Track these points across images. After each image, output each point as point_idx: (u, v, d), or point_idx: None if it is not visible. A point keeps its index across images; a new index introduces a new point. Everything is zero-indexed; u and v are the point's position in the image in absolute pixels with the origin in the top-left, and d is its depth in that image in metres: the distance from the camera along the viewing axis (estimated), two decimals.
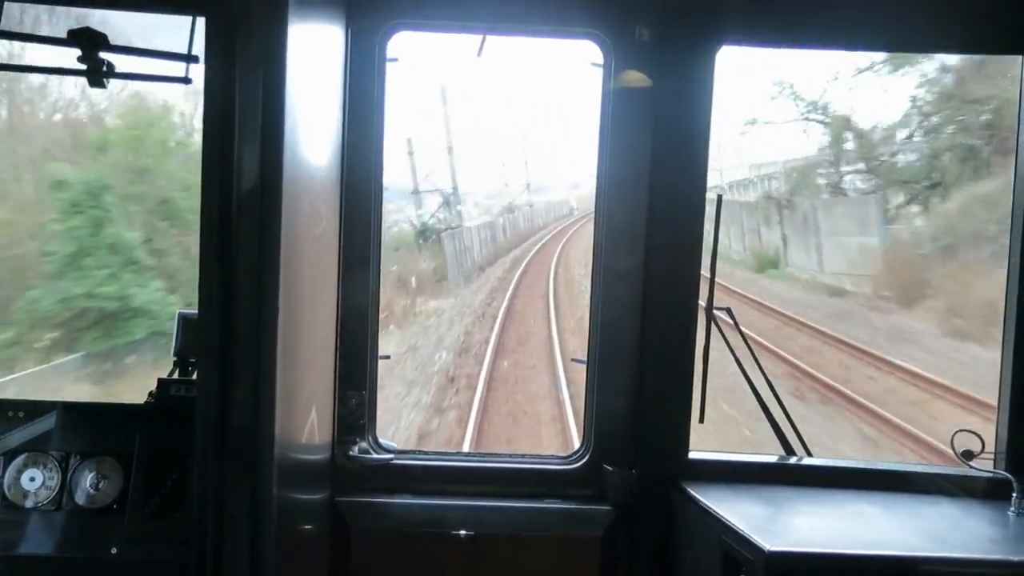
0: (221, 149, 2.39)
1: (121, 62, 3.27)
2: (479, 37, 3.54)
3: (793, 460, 3.45)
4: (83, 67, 3.18)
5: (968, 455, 3.16)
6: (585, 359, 3.51)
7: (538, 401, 13.48)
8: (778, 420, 3.48)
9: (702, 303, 3.38)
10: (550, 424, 12.37)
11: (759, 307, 19.37)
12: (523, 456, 3.56)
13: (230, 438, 2.43)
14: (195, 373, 3.23)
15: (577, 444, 3.59)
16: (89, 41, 3.14)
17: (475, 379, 14.56)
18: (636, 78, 3.30)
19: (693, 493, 3.15)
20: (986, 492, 3.18)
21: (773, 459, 3.46)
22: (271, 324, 2.38)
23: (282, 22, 2.38)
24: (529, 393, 13.99)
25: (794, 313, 18.60)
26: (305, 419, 2.89)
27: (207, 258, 2.41)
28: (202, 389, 2.49)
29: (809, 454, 3.49)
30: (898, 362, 14.29)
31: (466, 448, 10.82)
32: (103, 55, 3.18)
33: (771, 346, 14.76)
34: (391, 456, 3.43)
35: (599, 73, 3.38)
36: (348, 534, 3.33)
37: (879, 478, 3.30)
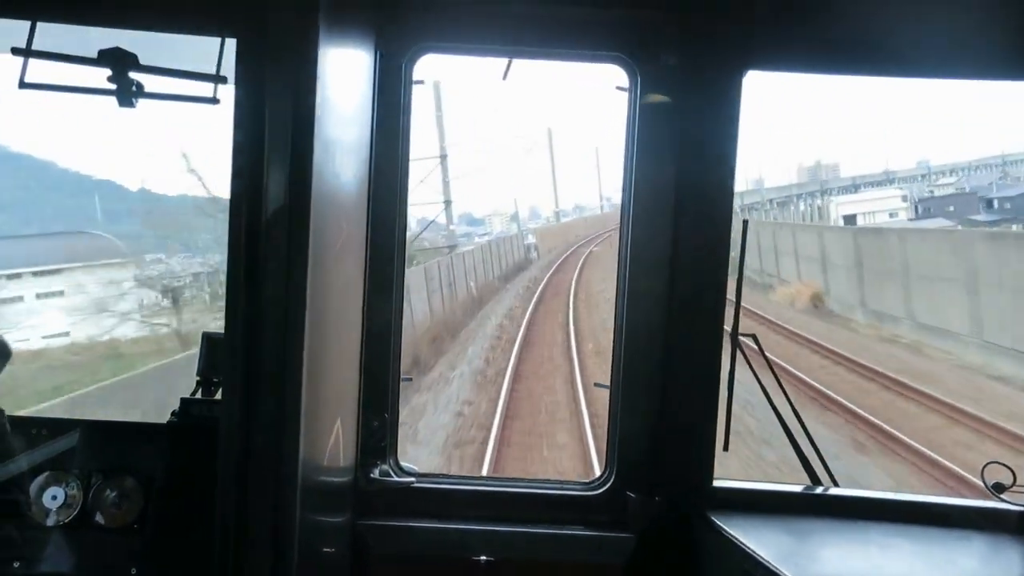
0: (250, 170, 2.39)
1: (149, 82, 3.30)
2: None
3: (819, 490, 3.40)
4: (112, 87, 3.21)
5: (999, 488, 3.10)
6: (608, 383, 3.48)
7: None
8: (804, 449, 3.43)
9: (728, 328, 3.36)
10: None
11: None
12: (545, 481, 3.53)
13: (253, 459, 2.42)
14: (218, 393, 3.23)
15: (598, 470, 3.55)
16: (119, 61, 3.17)
17: None
18: (662, 102, 3.29)
19: (718, 523, 3.10)
20: (1019, 527, 3.11)
21: (799, 488, 3.41)
22: (297, 346, 2.37)
23: (312, 45, 2.39)
24: None
25: None
26: (328, 441, 2.88)
27: (234, 279, 2.41)
28: (226, 410, 2.48)
29: (835, 483, 3.44)
30: None
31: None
32: (132, 75, 3.22)
33: None
34: (412, 479, 3.41)
35: (624, 97, 3.38)
36: (369, 558, 3.30)
37: (907, 510, 3.24)
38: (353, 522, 3.30)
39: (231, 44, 3.24)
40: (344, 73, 2.83)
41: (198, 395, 3.30)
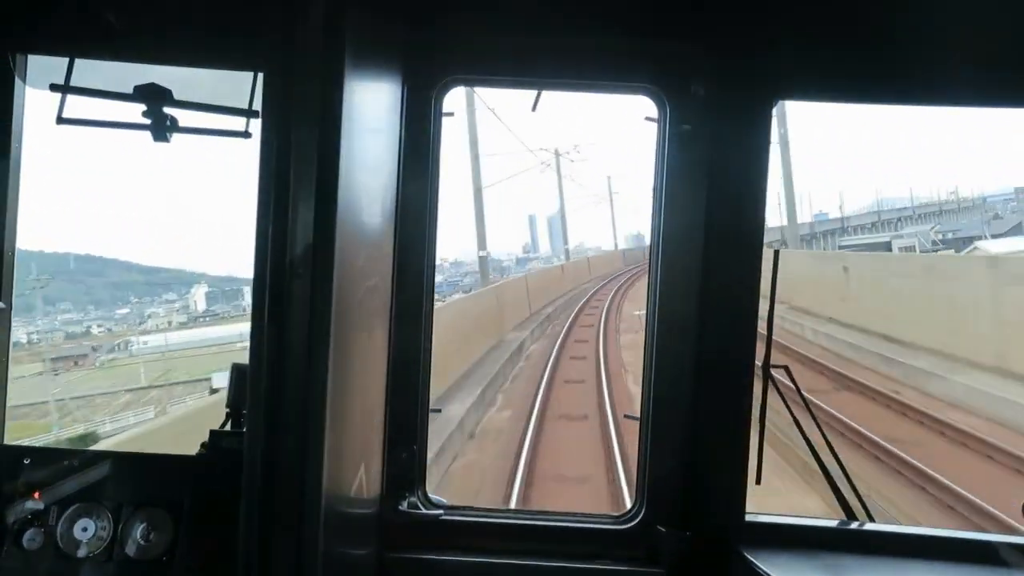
0: (276, 203, 2.41)
1: (183, 117, 3.36)
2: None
3: (855, 525, 3.32)
4: (147, 121, 3.26)
5: None
6: (638, 415, 3.44)
7: None
8: (839, 483, 3.37)
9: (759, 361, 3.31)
10: None
11: None
12: (574, 515, 3.48)
13: (277, 492, 2.41)
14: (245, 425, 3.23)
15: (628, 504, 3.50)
16: (154, 96, 3.23)
17: None
18: (691, 132, 3.28)
19: (750, 558, 3.04)
20: None
21: (834, 523, 3.34)
22: (320, 381, 2.38)
23: (339, 79, 2.42)
24: None
25: None
26: (354, 473, 2.87)
27: (259, 312, 2.42)
28: (249, 444, 2.48)
29: (871, 518, 3.36)
30: None
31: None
32: (167, 110, 3.27)
33: None
34: (440, 512, 3.38)
35: (654, 127, 3.38)
36: None
37: (947, 547, 3.15)
38: (380, 555, 3.27)
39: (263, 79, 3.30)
40: (371, 106, 2.85)
41: (227, 427, 3.31)
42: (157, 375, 32.45)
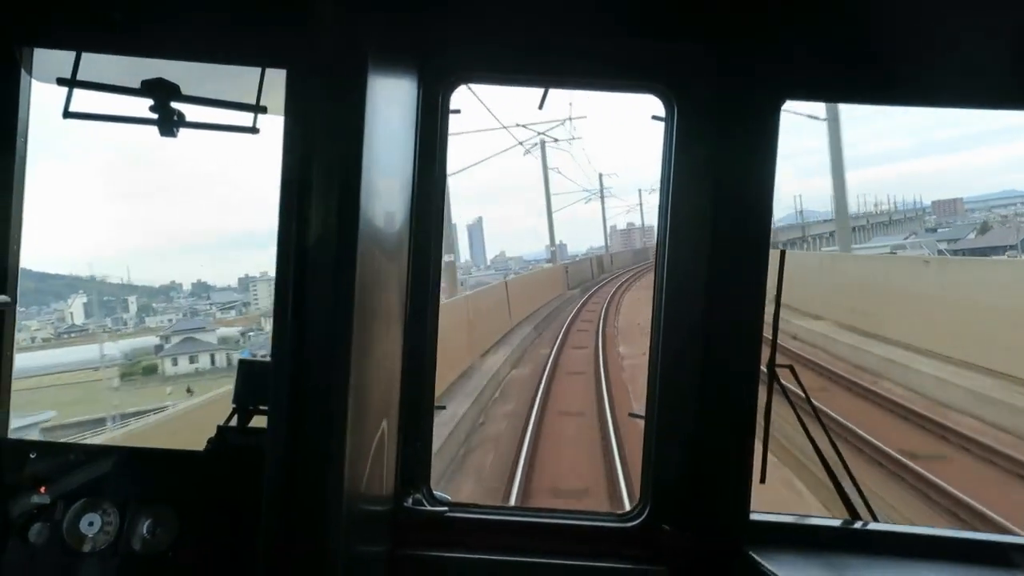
0: (299, 199, 2.41)
1: (190, 111, 3.35)
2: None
3: (859, 524, 3.33)
4: (154, 116, 3.25)
5: None
6: (643, 413, 3.45)
7: None
8: (843, 482, 3.38)
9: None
10: None
11: None
12: (578, 513, 3.49)
13: (298, 490, 2.42)
14: (252, 421, 3.23)
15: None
16: (163, 91, 3.22)
17: None
18: (699, 131, 3.28)
19: (755, 557, 3.05)
20: None
21: (838, 523, 3.35)
22: (343, 379, 2.38)
23: (362, 78, 2.42)
24: None
25: None
26: (371, 471, 2.87)
27: (281, 309, 2.42)
28: (272, 440, 2.48)
29: (875, 518, 3.38)
30: None
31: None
32: (174, 104, 3.26)
33: None
34: (445, 508, 3.39)
35: (661, 127, 3.38)
36: None
37: (951, 547, 3.17)
38: (391, 552, 3.28)
39: (271, 75, 3.29)
40: (390, 105, 2.85)
41: (233, 422, 3.31)
42: None
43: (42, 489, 3.11)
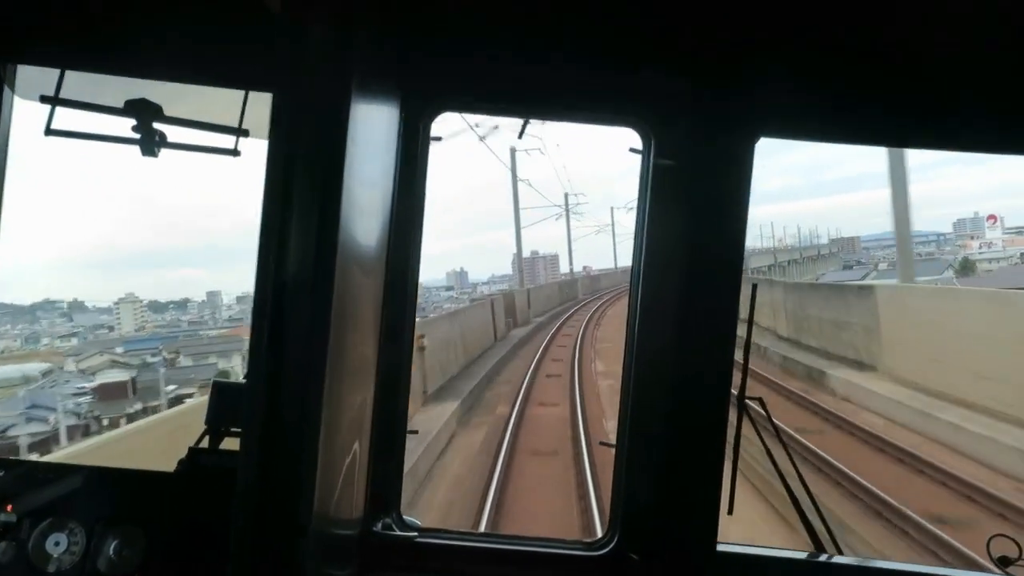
0: (281, 221, 2.43)
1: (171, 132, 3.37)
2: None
3: (824, 557, 3.37)
4: (136, 136, 3.27)
5: (1005, 561, 3.08)
6: (614, 443, 3.47)
7: None
8: (808, 515, 3.42)
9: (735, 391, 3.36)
10: None
11: None
12: (547, 540, 3.49)
13: (268, 513, 2.42)
14: (223, 442, 3.23)
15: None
16: (146, 112, 3.25)
17: None
18: (675, 166, 3.33)
19: None
20: None
21: (804, 555, 3.39)
22: (317, 400, 2.40)
23: (345, 103, 2.46)
24: None
25: None
26: (341, 494, 2.87)
27: (258, 332, 2.43)
28: (244, 462, 2.48)
29: (839, 551, 3.41)
30: None
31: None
32: (156, 125, 3.29)
33: None
34: (415, 534, 3.39)
35: (638, 159, 3.44)
36: None
37: None
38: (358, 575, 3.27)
39: (254, 98, 3.33)
40: (372, 130, 2.89)
41: (204, 443, 3.30)
42: None
43: (8, 507, 3.08)
